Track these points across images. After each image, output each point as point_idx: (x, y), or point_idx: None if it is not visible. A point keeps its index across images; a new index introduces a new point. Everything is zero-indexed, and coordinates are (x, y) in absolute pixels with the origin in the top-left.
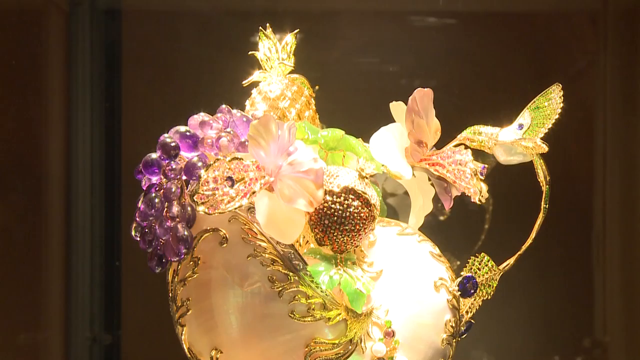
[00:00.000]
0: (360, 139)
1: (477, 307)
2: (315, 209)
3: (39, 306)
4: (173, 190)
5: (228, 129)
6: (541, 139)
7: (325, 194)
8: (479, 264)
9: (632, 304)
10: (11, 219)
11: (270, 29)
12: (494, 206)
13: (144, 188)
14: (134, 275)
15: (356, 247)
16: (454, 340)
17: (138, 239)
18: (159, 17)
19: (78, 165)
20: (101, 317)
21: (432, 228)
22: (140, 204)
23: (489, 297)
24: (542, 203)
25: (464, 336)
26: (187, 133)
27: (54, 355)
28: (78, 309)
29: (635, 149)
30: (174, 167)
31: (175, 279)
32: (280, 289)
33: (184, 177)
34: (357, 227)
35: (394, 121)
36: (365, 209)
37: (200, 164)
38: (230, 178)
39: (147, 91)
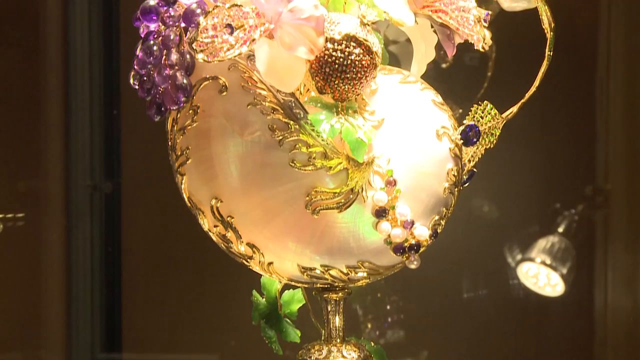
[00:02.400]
0: None
1: (480, 156)
2: (316, 56)
3: (38, 154)
4: (171, 37)
5: None
6: None
7: (326, 41)
8: (482, 112)
9: (634, 151)
10: (9, 71)
11: None
12: (497, 53)
13: (142, 35)
14: (133, 124)
15: (357, 95)
16: (456, 189)
17: (136, 87)
18: None
19: (76, 14)
20: (101, 165)
21: (434, 76)
22: (138, 52)
23: (492, 146)
24: (546, 50)
25: (466, 185)
26: None
27: (55, 203)
28: (78, 157)
29: None
30: (172, 14)
31: (175, 128)
32: (280, 137)
33: (183, 24)
34: (359, 75)
35: None
36: (367, 56)
37: (199, 10)
38: (229, 25)
39: None
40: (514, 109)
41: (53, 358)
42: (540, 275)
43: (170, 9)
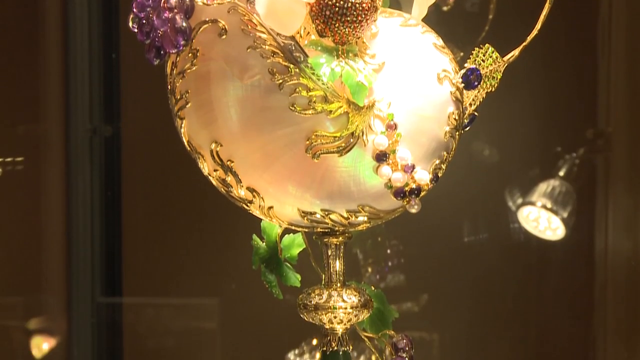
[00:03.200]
0: None
1: (481, 100)
2: None
3: (37, 97)
4: None
5: None
6: None
7: None
8: (483, 56)
9: (636, 94)
10: (8, 15)
11: None
12: None
13: None
14: (132, 68)
15: (358, 38)
16: (457, 132)
17: (135, 30)
18: None
19: None
20: (100, 109)
21: (435, 19)
22: None
23: (493, 89)
24: None
25: (467, 129)
26: None
27: (54, 147)
28: (77, 101)
29: None
30: None
31: (174, 71)
32: (280, 81)
33: None
34: (359, 18)
35: None
36: None
37: None
38: None
39: None
40: (516, 52)
41: (53, 302)
42: (541, 219)
43: None
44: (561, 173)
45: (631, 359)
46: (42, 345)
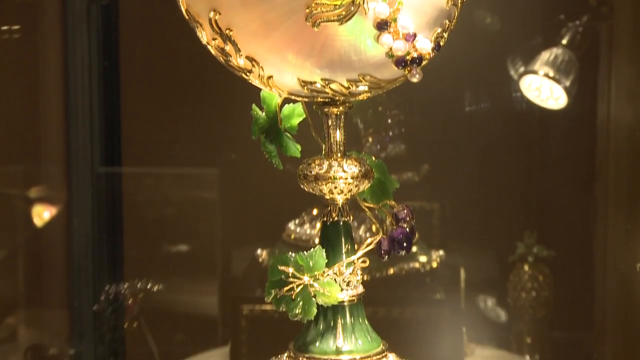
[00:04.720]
0: None
1: None
2: None
3: None
4: None
5: None
6: None
7: None
8: None
9: None
10: None
11: None
12: None
13: None
14: None
15: None
16: (459, 0)
17: None
18: None
19: None
20: None
21: None
22: None
23: None
24: None
25: None
26: None
27: (51, 15)
28: None
29: None
30: None
31: None
32: None
33: None
34: None
35: None
36: None
37: None
38: None
39: None
40: None
41: (53, 171)
42: (543, 88)
43: None
44: (564, 41)
45: (632, 230)
46: (43, 213)
